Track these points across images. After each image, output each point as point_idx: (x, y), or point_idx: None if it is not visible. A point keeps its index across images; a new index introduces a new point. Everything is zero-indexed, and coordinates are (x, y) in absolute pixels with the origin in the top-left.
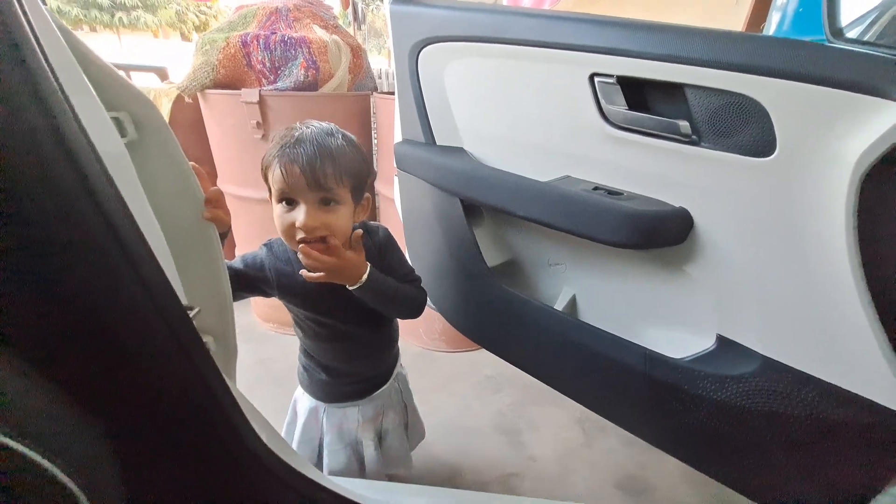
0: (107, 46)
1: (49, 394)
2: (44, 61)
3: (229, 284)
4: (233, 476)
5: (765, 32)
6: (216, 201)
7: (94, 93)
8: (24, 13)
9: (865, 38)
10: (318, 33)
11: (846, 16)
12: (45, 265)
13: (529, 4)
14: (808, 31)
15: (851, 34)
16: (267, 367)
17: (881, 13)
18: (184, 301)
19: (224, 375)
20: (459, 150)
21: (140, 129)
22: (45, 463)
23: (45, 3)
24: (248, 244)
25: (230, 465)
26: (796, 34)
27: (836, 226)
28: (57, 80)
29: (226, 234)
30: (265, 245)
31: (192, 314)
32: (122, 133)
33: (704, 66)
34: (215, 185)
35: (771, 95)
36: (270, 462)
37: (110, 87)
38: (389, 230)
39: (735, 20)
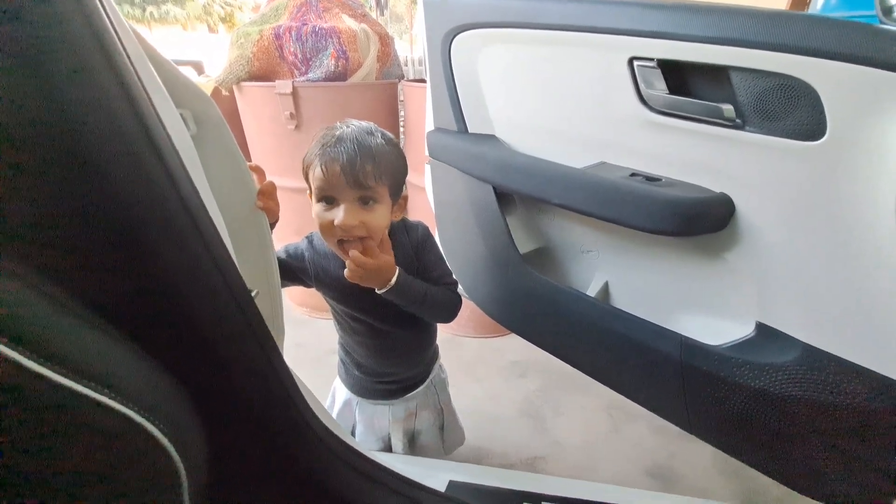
0: None
1: (146, 363)
2: (129, 62)
3: (278, 270)
4: (292, 444)
5: (811, 6)
6: (269, 193)
7: (165, 91)
8: (109, 18)
9: None
10: (348, 23)
11: None
12: (138, 250)
13: None
14: (856, 6)
15: None
16: (303, 350)
17: None
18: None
19: None
20: (492, 138)
21: (200, 124)
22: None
23: None
24: (282, 230)
25: (289, 434)
26: (844, 8)
27: (888, 213)
28: (140, 80)
29: (274, 223)
30: (307, 238)
31: (253, 294)
32: (186, 128)
33: (751, 47)
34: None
35: (822, 77)
36: (324, 435)
37: (175, 85)
38: (429, 228)
39: None
